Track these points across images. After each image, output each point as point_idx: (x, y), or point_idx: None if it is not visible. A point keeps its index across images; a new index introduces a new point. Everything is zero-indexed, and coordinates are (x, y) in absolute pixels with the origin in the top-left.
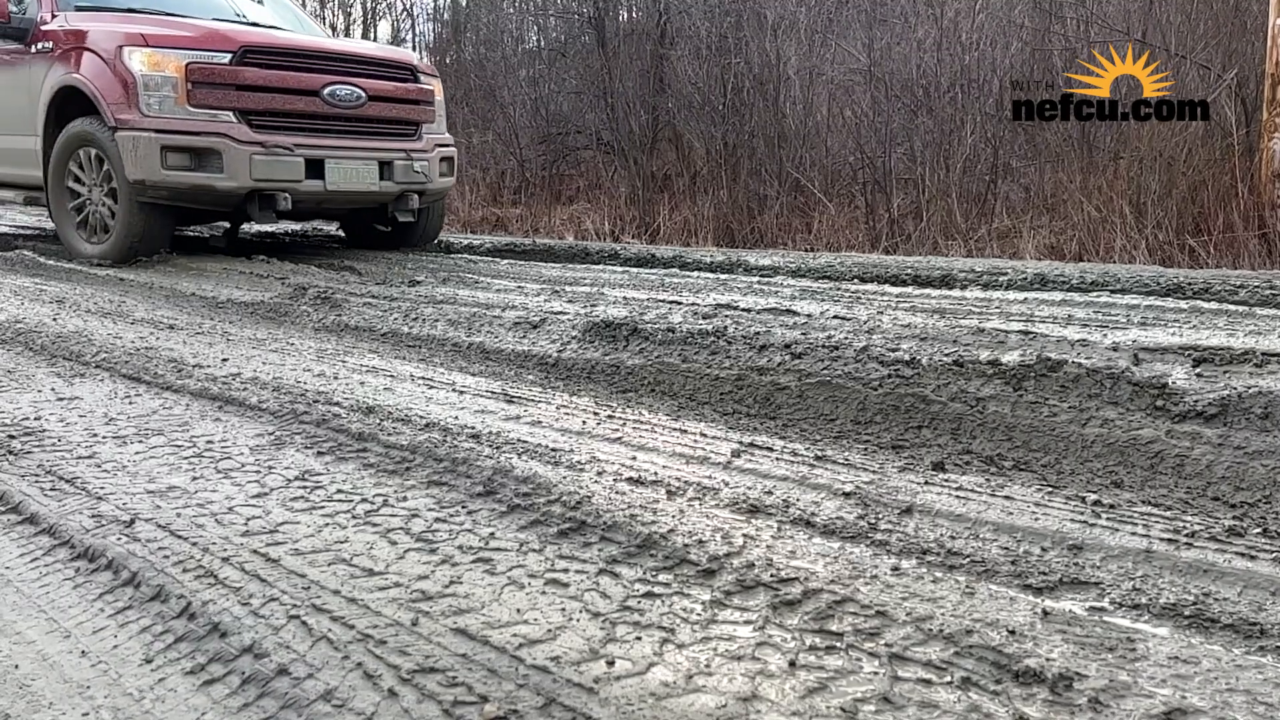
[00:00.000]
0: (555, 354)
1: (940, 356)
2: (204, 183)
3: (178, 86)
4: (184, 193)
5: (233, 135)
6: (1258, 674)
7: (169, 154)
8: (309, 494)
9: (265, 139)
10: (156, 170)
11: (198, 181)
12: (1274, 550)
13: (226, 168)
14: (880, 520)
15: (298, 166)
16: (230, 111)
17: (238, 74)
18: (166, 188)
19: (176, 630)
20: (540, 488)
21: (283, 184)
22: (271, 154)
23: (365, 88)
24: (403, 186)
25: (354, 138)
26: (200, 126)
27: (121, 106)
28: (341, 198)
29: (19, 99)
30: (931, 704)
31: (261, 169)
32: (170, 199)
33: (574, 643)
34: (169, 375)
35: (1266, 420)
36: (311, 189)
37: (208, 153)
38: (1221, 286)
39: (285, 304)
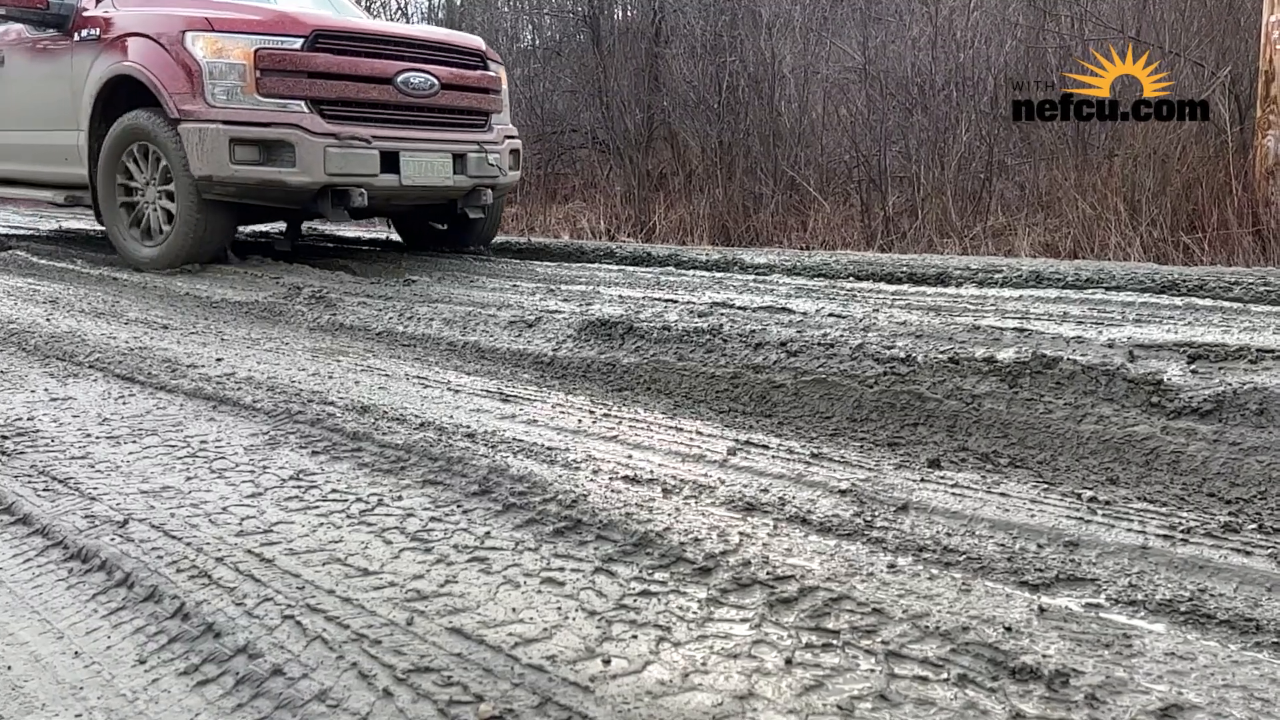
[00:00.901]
0: (551, 353)
1: (936, 354)
2: (275, 178)
3: (246, 74)
4: (252, 189)
5: (305, 126)
6: (1254, 670)
7: (237, 147)
8: (303, 493)
9: (339, 130)
10: (224, 165)
11: (268, 176)
12: (1269, 546)
13: (299, 161)
14: (876, 517)
15: (373, 159)
16: (302, 101)
17: (310, 60)
18: (234, 184)
19: (170, 631)
20: (536, 486)
21: (357, 178)
22: (346, 146)
23: (438, 75)
24: (475, 181)
25: (427, 128)
26: (270, 117)
27: (185, 97)
28: (414, 193)
29: (58, 91)
30: (928, 701)
31: (336, 162)
32: (237, 196)
33: (570, 641)
34: (163, 375)
35: (1261, 416)
36: (386, 184)
37: (279, 145)
38: (1216, 283)
39: (280, 304)
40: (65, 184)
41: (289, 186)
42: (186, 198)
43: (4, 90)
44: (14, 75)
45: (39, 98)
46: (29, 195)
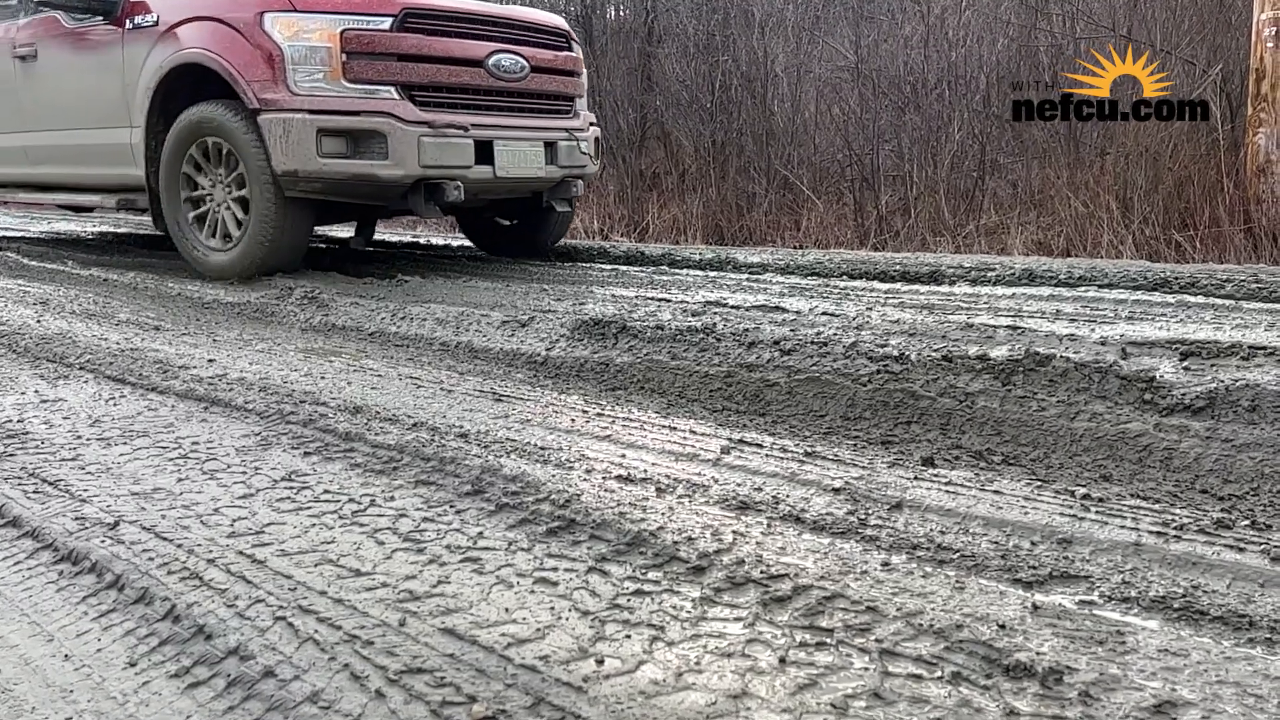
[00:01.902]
0: (544, 352)
1: (929, 352)
2: (366, 171)
3: (331, 58)
4: (340, 185)
5: (398, 114)
6: (1247, 666)
7: (324, 138)
8: (295, 494)
9: (433, 118)
10: (311, 159)
11: (359, 170)
12: (1262, 542)
13: (392, 152)
14: (870, 516)
15: (468, 150)
16: (392, 86)
17: (400, 42)
18: (321, 179)
19: (161, 633)
20: (529, 486)
21: (452, 170)
22: (441, 135)
23: (527, 57)
24: (566, 171)
25: (518, 115)
26: (359, 105)
27: (265, 85)
28: (506, 186)
29: (107, 85)
30: (922, 699)
31: (431, 153)
32: (322, 193)
33: (563, 641)
34: (154, 376)
35: (1254, 413)
36: (480, 176)
37: (369, 136)
38: (1208, 281)
39: (272, 304)
40: (116, 187)
41: (381, 180)
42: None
43: (35, 86)
44: (48, 69)
45: (81, 93)
46: (69, 201)
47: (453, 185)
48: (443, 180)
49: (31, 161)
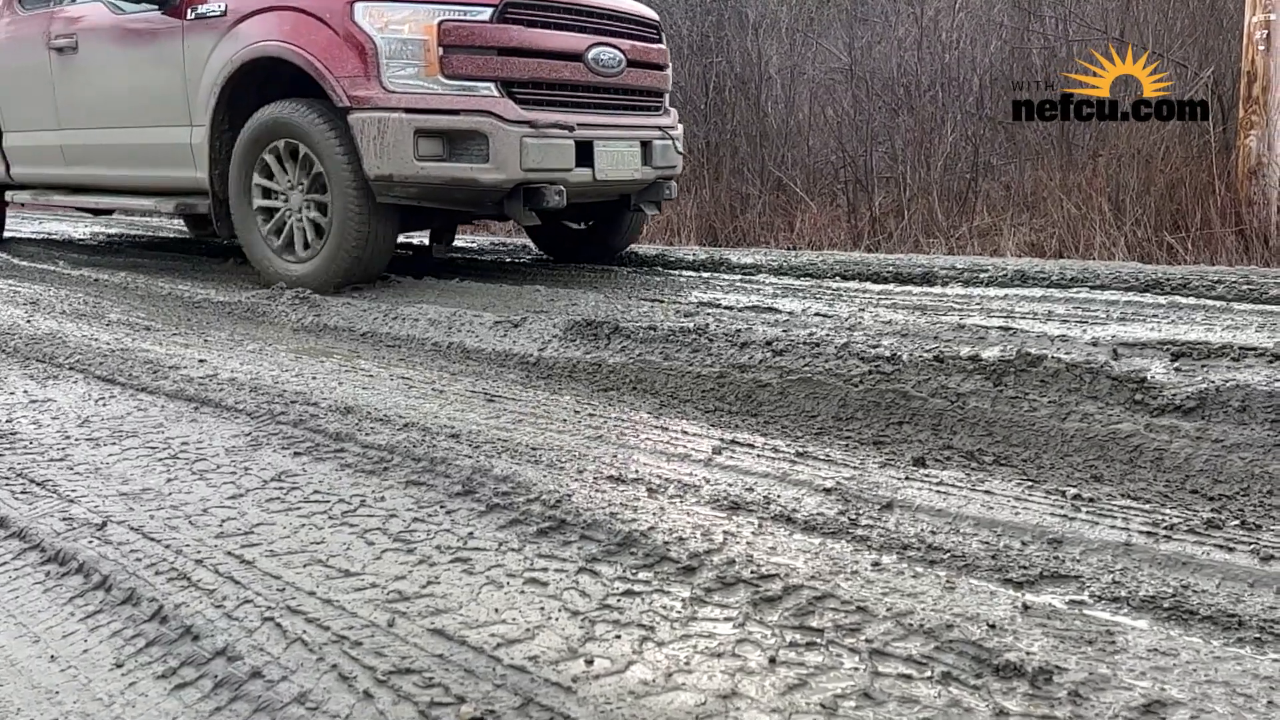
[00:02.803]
0: (536, 353)
1: (921, 352)
2: (465, 176)
3: (427, 52)
4: (436, 190)
5: (499, 113)
6: (1236, 665)
7: (421, 140)
8: (285, 495)
9: (535, 117)
10: (408, 162)
11: (458, 175)
12: (1251, 542)
13: (493, 155)
14: (861, 516)
15: (569, 151)
16: (491, 83)
17: (502, 34)
18: (417, 184)
19: (148, 634)
20: (520, 486)
21: (554, 174)
22: (543, 136)
23: (624, 50)
24: (659, 172)
25: (614, 113)
26: (458, 103)
27: (357, 81)
28: (601, 189)
29: (165, 81)
30: (912, 699)
31: (534, 155)
32: (417, 199)
33: (552, 642)
34: (144, 377)
35: (1244, 413)
36: (579, 179)
37: (468, 136)
38: (1199, 282)
39: (262, 304)
40: (173, 190)
41: (481, 186)
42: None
43: (75, 81)
44: (92, 63)
45: (131, 89)
46: (113, 204)
47: (554, 190)
48: (543, 185)
49: (68, 161)
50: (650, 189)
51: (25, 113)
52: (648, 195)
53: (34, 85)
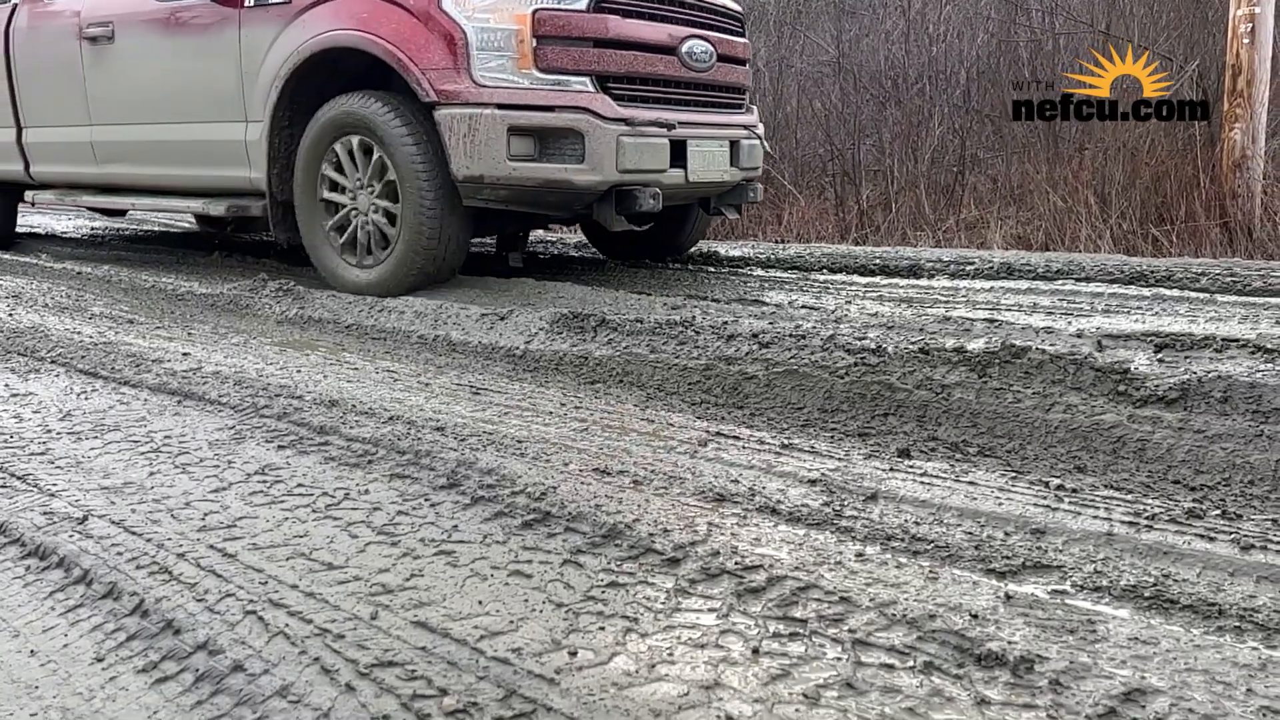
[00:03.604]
0: (523, 346)
1: (907, 345)
2: (559, 177)
3: (520, 43)
4: (526, 193)
5: (596, 110)
6: (1216, 654)
7: (514, 139)
8: (269, 488)
9: (631, 114)
10: (500, 162)
11: (551, 176)
12: (1232, 532)
13: (589, 155)
14: (845, 507)
15: (663, 151)
16: (587, 77)
17: (598, 25)
18: (508, 186)
19: (129, 628)
20: (505, 479)
21: (649, 175)
22: (639, 135)
23: (715, 43)
24: (745, 173)
25: (705, 110)
26: (551, 98)
27: (445, 74)
28: (693, 192)
29: (217, 73)
30: (894, 689)
31: (631, 155)
32: (506, 201)
33: (536, 634)
34: (127, 370)
35: (1225, 404)
36: (672, 181)
37: (562, 135)
38: (1183, 274)
39: (246, 297)
40: (225, 190)
41: (575, 188)
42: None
43: (110, 73)
44: (130, 54)
45: (177, 82)
46: (155, 206)
47: (649, 192)
48: (637, 187)
49: (101, 160)
50: (733, 191)
51: (50, 107)
52: (729, 197)
53: (61, 78)
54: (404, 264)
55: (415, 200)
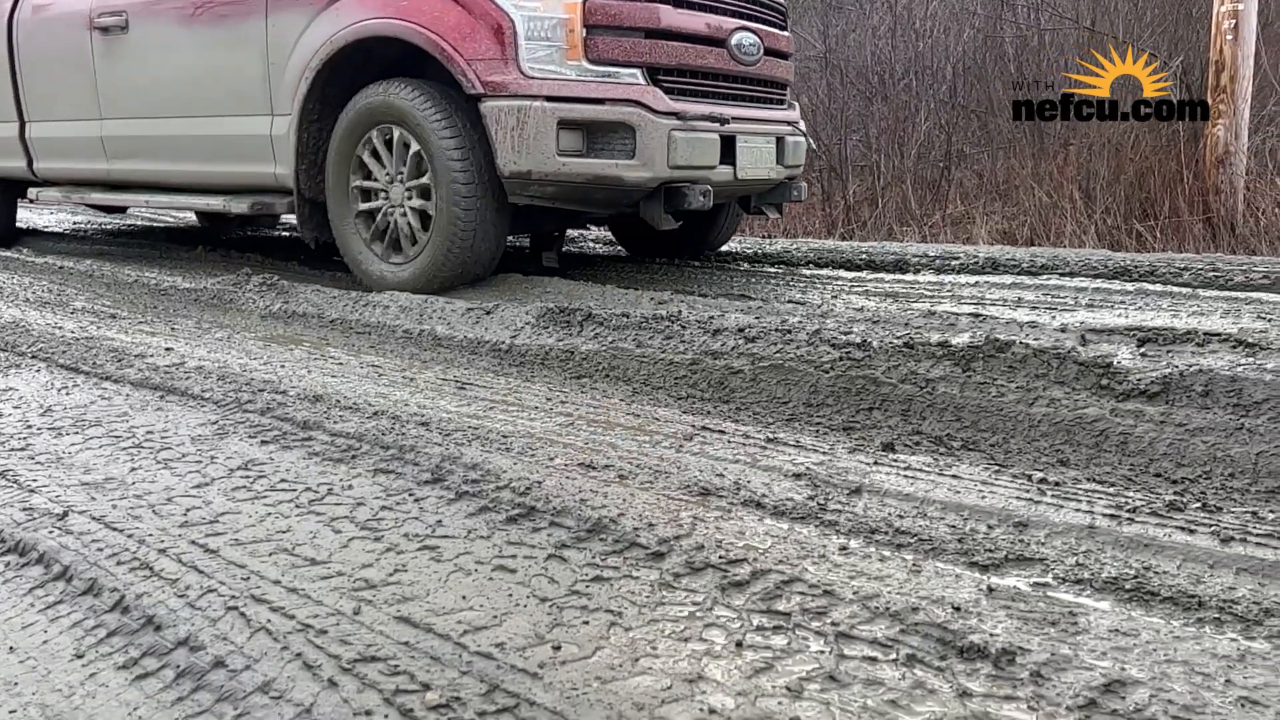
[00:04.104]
0: (509, 340)
1: (892, 339)
2: (609, 173)
3: (570, 33)
4: (574, 190)
5: (647, 103)
6: (1195, 645)
7: (563, 133)
8: (251, 483)
9: (682, 108)
10: (549, 157)
11: (601, 172)
12: (1212, 524)
13: (640, 150)
14: (830, 501)
15: (714, 147)
16: (638, 69)
17: (651, 15)
18: (557, 183)
19: (109, 624)
20: (489, 474)
21: (699, 172)
22: (691, 130)
23: (761, 36)
24: (790, 171)
25: (752, 105)
26: (601, 90)
27: (492, 64)
28: (739, 190)
29: (240, 65)
30: (877, 681)
31: (682, 151)
32: (551, 199)
33: (520, 628)
34: (109, 365)
35: (1206, 398)
36: (721, 178)
37: (611, 129)
38: (1166, 269)
39: (230, 291)
40: (248, 186)
41: (625, 184)
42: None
43: (123, 65)
44: (145, 44)
45: (197, 74)
46: (170, 204)
47: (699, 190)
48: (686, 184)
49: (111, 156)
50: (774, 189)
51: (57, 101)
52: (771, 196)
53: (70, 70)
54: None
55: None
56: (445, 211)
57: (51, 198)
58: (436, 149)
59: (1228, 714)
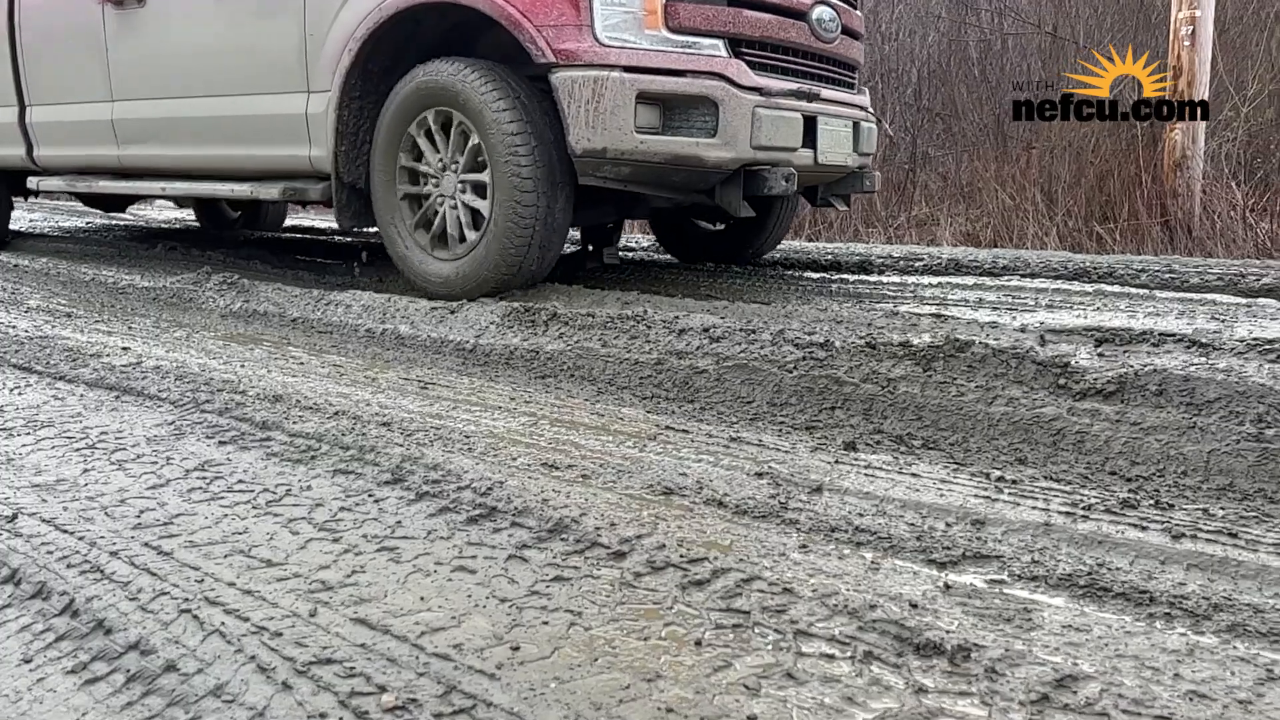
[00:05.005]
0: (473, 340)
1: (854, 339)
2: (688, 152)
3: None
4: (652, 171)
5: (731, 76)
6: (1145, 640)
7: (642, 107)
8: (208, 484)
9: (766, 83)
10: (626, 134)
11: (680, 151)
12: (1164, 521)
13: (722, 128)
14: (791, 499)
15: (797, 127)
16: (720, 40)
17: None
18: (633, 162)
19: (58, 628)
20: (451, 474)
21: (779, 154)
22: (774, 107)
23: (839, 12)
24: (862, 159)
25: (830, 86)
26: (681, 62)
27: (564, 31)
28: (818, 176)
29: (274, 37)
30: (833, 678)
31: (766, 130)
32: (625, 181)
33: (478, 629)
34: (63, 365)
35: (1160, 397)
36: (804, 162)
37: (691, 104)
38: (1125, 270)
39: (190, 289)
40: (277, 171)
41: (705, 165)
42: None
43: (142, 40)
44: (165, 17)
45: (224, 48)
46: (191, 192)
47: (781, 173)
48: (767, 167)
49: (123, 140)
50: (843, 179)
51: (61, 82)
52: (839, 186)
53: (77, 47)
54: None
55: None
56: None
57: (54, 187)
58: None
59: (1176, 707)
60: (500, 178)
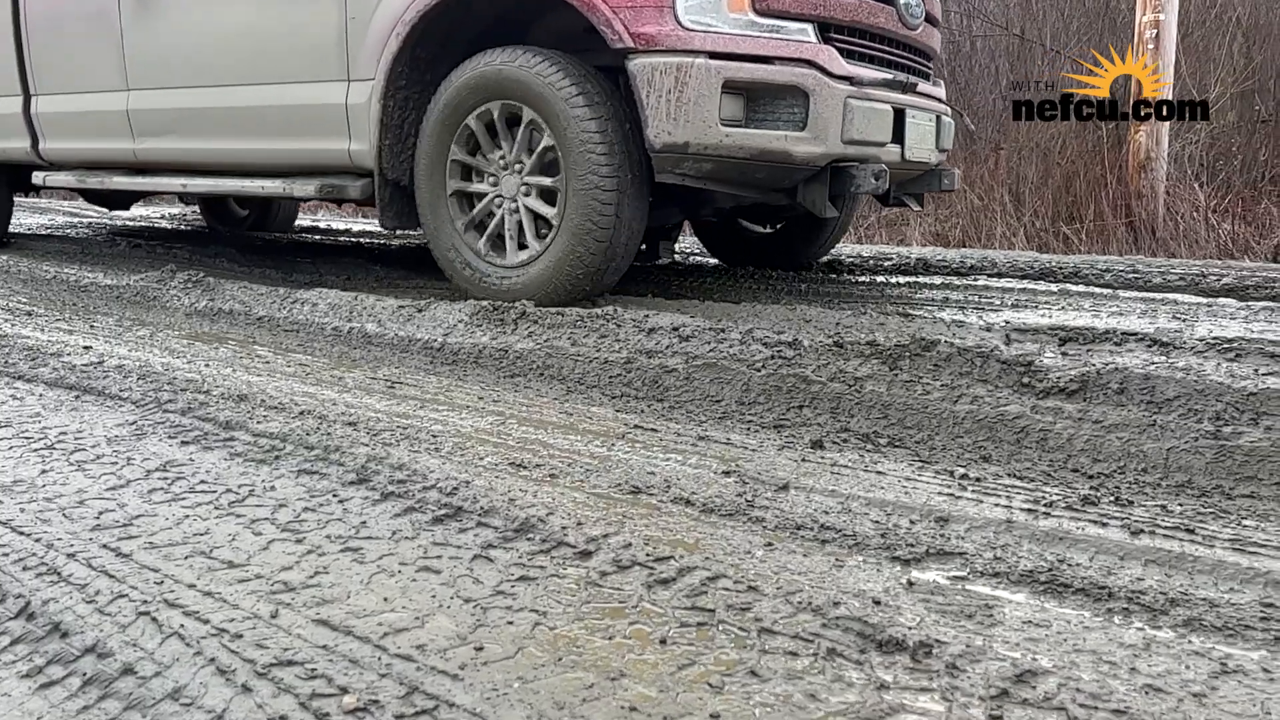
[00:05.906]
0: (441, 339)
1: (822, 338)
2: (776, 146)
3: None
4: (734, 167)
5: (822, 64)
6: (1104, 635)
7: (727, 97)
8: (169, 485)
9: (857, 72)
10: (710, 126)
11: (768, 145)
12: (1124, 517)
13: (812, 120)
14: (758, 497)
15: (887, 120)
16: (810, 24)
17: None
18: (716, 158)
19: (13, 632)
20: (417, 474)
21: (868, 149)
22: (866, 98)
23: None
24: (940, 156)
25: (915, 77)
26: (769, 48)
27: (643, 12)
28: (901, 174)
29: (313, 21)
30: (796, 675)
31: (858, 123)
32: (706, 178)
33: (442, 629)
34: (22, 364)
35: (1121, 395)
36: (890, 158)
37: (780, 94)
38: (1089, 270)
39: (154, 288)
40: (311, 166)
41: (792, 160)
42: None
43: (163, 26)
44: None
45: (257, 32)
46: (215, 189)
47: (871, 170)
48: (855, 164)
49: (139, 133)
50: (919, 177)
51: (72, 70)
52: (913, 185)
53: (90, 34)
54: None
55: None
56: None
57: (62, 182)
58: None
59: (1132, 701)
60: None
